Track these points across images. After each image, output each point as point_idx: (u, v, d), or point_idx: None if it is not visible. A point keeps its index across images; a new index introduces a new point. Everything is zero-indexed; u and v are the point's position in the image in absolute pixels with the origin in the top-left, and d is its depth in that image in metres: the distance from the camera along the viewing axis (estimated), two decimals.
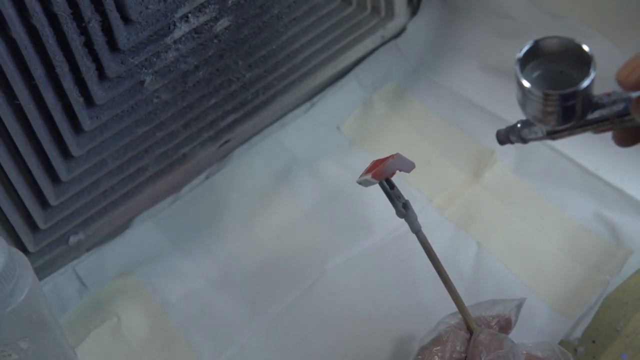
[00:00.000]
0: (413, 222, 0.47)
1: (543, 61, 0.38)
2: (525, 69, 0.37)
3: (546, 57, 0.38)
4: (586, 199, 0.63)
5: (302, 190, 0.68)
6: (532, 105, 0.37)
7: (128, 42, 0.50)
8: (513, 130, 0.43)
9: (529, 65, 0.38)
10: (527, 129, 0.42)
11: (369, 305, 0.59)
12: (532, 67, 0.38)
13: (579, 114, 0.37)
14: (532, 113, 0.37)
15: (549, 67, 0.38)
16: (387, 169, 0.45)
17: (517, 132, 0.43)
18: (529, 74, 0.37)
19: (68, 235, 0.61)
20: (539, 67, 0.38)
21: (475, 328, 0.47)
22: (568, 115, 0.37)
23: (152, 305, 0.61)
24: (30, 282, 0.45)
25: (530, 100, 0.37)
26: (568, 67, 0.37)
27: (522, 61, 0.37)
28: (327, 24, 0.70)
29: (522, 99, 0.37)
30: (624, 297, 0.57)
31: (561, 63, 0.37)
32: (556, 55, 0.37)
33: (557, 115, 0.37)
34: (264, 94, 0.68)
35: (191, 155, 0.65)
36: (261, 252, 0.64)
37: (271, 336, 0.58)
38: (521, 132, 0.42)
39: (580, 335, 0.55)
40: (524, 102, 0.37)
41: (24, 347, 0.47)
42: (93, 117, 0.53)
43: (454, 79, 0.74)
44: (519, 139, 0.43)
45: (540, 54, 0.38)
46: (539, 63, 0.38)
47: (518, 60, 0.37)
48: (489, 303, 0.50)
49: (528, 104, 0.37)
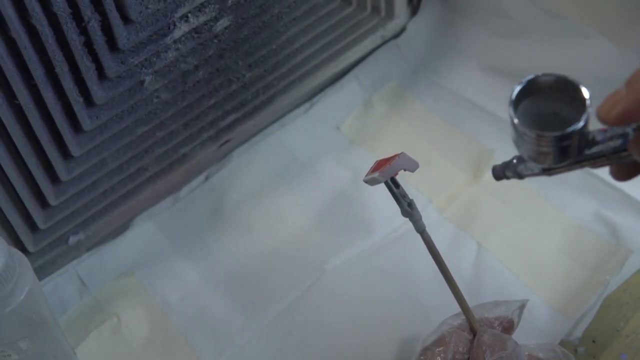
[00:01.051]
0: (417, 221, 0.47)
1: (536, 99, 0.37)
2: (518, 107, 0.37)
3: (539, 94, 0.37)
4: (586, 199, 0.63)
5: (302, 190, 0.68)
6: (526, 146, 0.36)
7: (128, 42, 0.50)
8: (509, 166, 0.42)
9: (522, 104, 0.37)
10: (523, 165, 0.41)
11: (369, 306, 0.59)
12: (525, 106, 0.37)
13: (574, 152, 0.36)
14: (527, 153, 0.37)
15: (543, 104, 0.37)
16: (393, 167, 0.44)
17: (513, 168, 0.42)
18: (523, 112, 0.37)
19: (68, 235, 0.61)
20: (532, 105, 0.37)
21: (479, 329, 0.47)
22: (564, 155, 0.36)
23: (152, 306, 0.61)
24: (30, 282, 0.45)
25: (524, 141, 0.36)
26: (563, 104, 0.36)
27: (516, 101, 0.36)
28: (327, 24, 0.70)
29: (517, 139, 0.37)
30: (624, 297, 0.57)
31: (555, 100, 0.36)
32: (550, 93, 0.36)
33: (553, 155, 0.36)
34: (264, 94, 0.68)
35: (191, 155, 0.65)
36: (261, 252, 0.64)
37: (271, 336, 0.58)
38: (517, 168, 0.42)
39: (581, 335, 0.55)
40: (518, 142, 0.37)
41: (23, 347, 0.47)
42: (93, 117, 0.53)
43: (454, 79, 0.74)
44: (515, 174, 0.42)
45: (534, 91, 0.37)
46: (533, 101, 0.37)
47: (511, 100, 0.36)
48: (492, 304, 0.50)
49: (522, 145, 0.36)
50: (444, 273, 0.48)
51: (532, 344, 0.49)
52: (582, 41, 0.65)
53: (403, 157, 0.45)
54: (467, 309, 0.48)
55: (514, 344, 0.46)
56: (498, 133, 0.69)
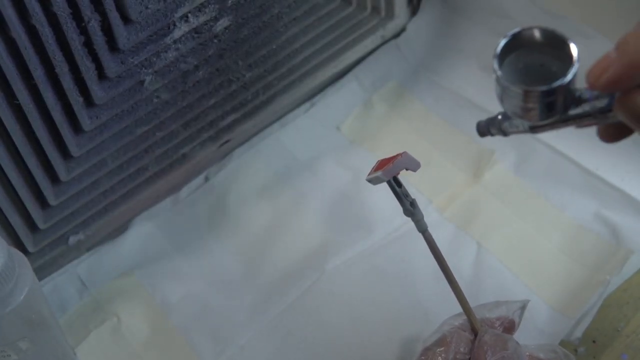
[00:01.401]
0: (419, 221, 0.47)
1: (523, 53, 0.36)
2: (504, 62, 0.35)
3: (526, 48, 0.35)
4: (586, 199, 0.63)
5: (302, 190, 0.68)
6: (511, 101, 0.35)
7: (128, 42, 0.50)
8: (493, 122, 0.41)
9: (508, 58, 0.36)
10: (508, 122, 0.40)
11: (369, 306, 0.59)
12: (510, 61, 0.36)
13: (560, 109, 0.35)
14: (512, 109, 0.36)
15: (529, 59, 0.36)
16: (395, 166, 0.44)
17: (497, 125, 0.41)
18: (508, 67, 0.35)
19: (68, 235, 0.61)
20: (518, 59, 0.36)
21: (480, 329, 0.47)
22: (549, 111, 0.35)
23: (152, 306, 0.60)
24: (29, 283, 0.45)
25: (509, 97, 0.35)
26: (549, 59, 0.35)
27: (501, 55, 0.35)
28: (327, 24, 0.70)
29: (501, 95, 0.36)
30: (624, 297, 0.57)
31: (542, 55, 0.35)
32: (537, 47, 0.35)
33: (538, 111, 0.35)
34: (264, 94, 0.68)
35: (191, 155, 0.65)
36: (261, 252, 0.64)
37: (271, 336, 0.58)
38: (502, 125, 0.40)
39: (581, 335, 0.55)
40: (502, 98, 0.36)
41: (23, 348, 0.47)
42: (93, 117, 0.53)
43: (454, 79, 0.74)
44: (499, 131, 0.41)
45: (520, 46, 0.35)
46: (519, 55, 0.36)
47: (496, 55, 0.35)
48: (493, 304, 0.50)
49: (506, 100, 0.35)
50: (446, 273, 0.48)
51: (533, 345, 0.49)
52: (582, 41, 0.65)
53: (405, 156, 0.45)
54: (469, 309, 0.48)
55: (515, 344, 0.46)
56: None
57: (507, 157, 0.67)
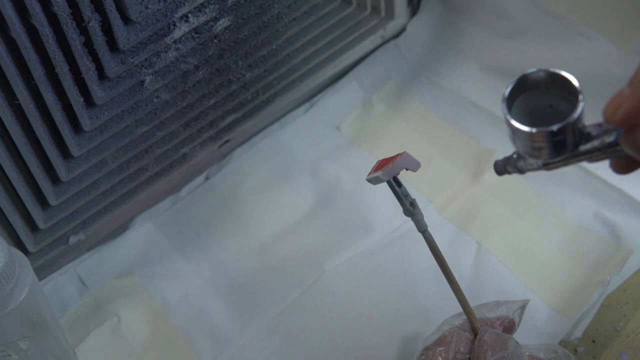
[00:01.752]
0: (419, 221, 0.47)
1: (530, 95, 0.37)
2: (513, 105, 0.37)
3: (533, 90, 0.37)
4: (586, 199, 0.63)
5: (302, 190, 0.68)
6: (521, 142, 0.37)
7: (128, 42, 0.50)
8: (510, 161, 0.43)
9: (517, 101, 0.37)
10: (523, 161, 0.42)
11: (369, 305, 0.59)
12: (520, 102, 0.37)
13: (570, 146, 0.36)
14: (523, 149, 0.37)
15: (537, 100, 0.37)
16: (395, 166, 0.45)
17: (513, 163, 0.42)
18: (517, 109, 0.37)
19: (68, 235, 0.61)
20: (527, 100, 0.37)
21: (480, 328, 0.47)
22: (559, 149, 0.36)
23: (152, 306, 0.61)
24: (30, 282, 0.45)
25: (519, 138, 0.36)
26: (557, 99, 0.37)
27: (509, 98, 0.37)
28: (327, 24, 0.70)
29: (511, 136, 0.37)
30: (624, 297, 0.57)
31: (549, 95, 0.37)
32: (543, 88, 0.37)
33: (548, 150, 0.36)
34: (264, 94, 0.68)
35: (191, 155, 0.65)
36: (261, 252, 0.64)
37: (271, 336, 0.58)
38: (517, 163, 0.42)
39: (581, 335, 0.55)
40: (513, 139, 0.37)
41: (23, 347, 0.47)
42: (93, 117, 0.53)
43: (454, 79, 0.74)
44: (515, 169, 0.43)
45: (527, 88, 0.37)
46: (527, 97, 0.37)
47: (504, 98, 0.36)
48: (493, 304, 0.50)
49: (517, 141, 0.37)
50: (446, 273, 0.48)
51: (533, 344, 0.49)
52: (582, 41, 0.65)
53: (405, 156, 0.45)
54: (468, 308, 0.48)
55: (515, 343, 0.46)
56: (498, 133, 0.69)
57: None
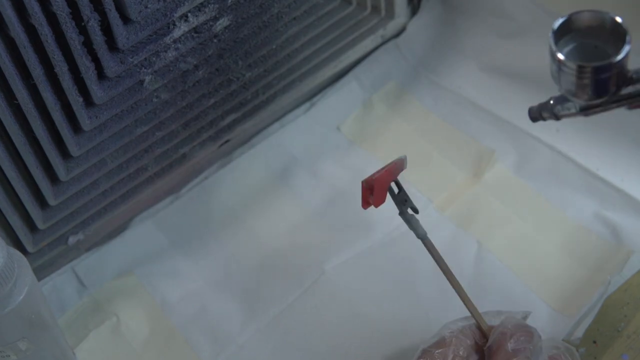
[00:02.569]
0: (416, 228, 0.47)
1: (577, 35, 0.37)
2: (559, 42, 0.37)
3: (580, 31, 0.37)
4: (587, 199, 0.63)
5: (302, 190, 0.68)
6: (566, 78, 0.36)
7: (127, 41, 0.50)
8: (546, 106, 0.42)
9: (563, 39, 0.37)
10: (560, 105, 0.41)
11: (369, 306, 0.59)
12: (566, 41, 0.37)
13: (613, 88, 0.36)
14: (566, 86, 0.37)
15: (583, 40, 0.37)
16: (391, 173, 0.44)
17: (550, 109, 0.42)
18: (563, 47, 0.37)
19: (67, 235, 0.60)
20: (573, 40, 0.37)
21: (489, 327, 0.47)
22: (602, 89, 0.36)
23: (151, 306, 0.60)
24: (29, 283, 0.45)
25: (564, 73, 0.36)
26: (602, 41, 0.37)
27: (556, 34, 0.37)
28: (327, 23, 0.70)
29: (556, 72, 0.37)
30: (625, 297, 0.57)
31: (595, 37, 0.37)
32: (590, 29, 0.37)
33: (591, 89, 0.36)
34: (264, 94, 0.67)
35: (191, 155, 0.65)
36: (261, 252, 0.64)
37: (270, 336, 0.58)
38: (554, 109, 0.42)
39: (581, 336, 0.55)
40: (558, 75, 0.37)
41: (22, 348, 0.47)
42: (92, 117, 0.53)
43: (454, 79, 0.74)
44: (552, 115, 0.42)
45: (575, 28, 0.37)
46: (573, 37, 0.37)
47: (552, 33, 0.37)
48: (494, 313, 0.50)
49: (562, 77, 0.37)
50: (449, 278, 0.47)
51: None
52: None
53: (398, 163, 0.45)
54: (476, 312, 0.47)
55: (538, 335, 0.45)
56: (498, 133, 0.69)
57: (507, 157, 0.67)
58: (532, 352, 0.44)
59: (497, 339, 0.45)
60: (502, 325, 0.46)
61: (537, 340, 0.45)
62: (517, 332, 0.44)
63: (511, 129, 0.69)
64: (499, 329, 0.45)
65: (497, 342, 0.44)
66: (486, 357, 0.45)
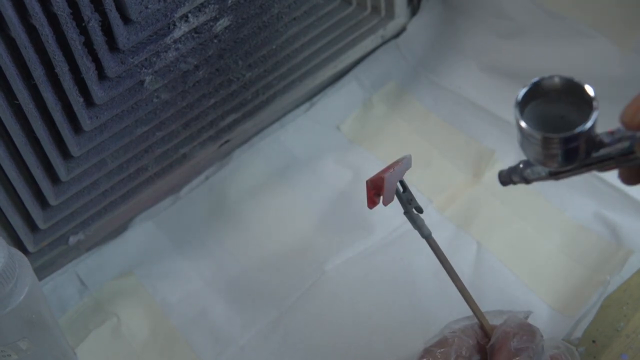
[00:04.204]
0: (421, 227, 0.47)
1: (543, 102, 0.37)
2: (525, 110, 0.36)
3: (546, 97, 0.36)
4: (586, 199, 0.63)
5: (302, 190, 0.68)
6: (532, 148, 0.36)
7: (128, 41, 0.50)
8: (515, 170, 0.42)
9: (528, 107, 0.36)
10: (530, 170, 0.41)
11: (369, 306, 0.59)
12: (532, 108, 0.37)
13: (582, 154, 0.36)
14: (534, 156, 0.37)
15: (550, 107, 0.36)
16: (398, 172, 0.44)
17: (519, 173, 0.42)
18: (529, 115, 0.36)
19: (68, 235, 0.60)
20: (538, 108, 0.37)
21: (492, 327, 0.47)
22: (571, 157, 0.36)
23: (152, 306, 0.60)
24: (29, 283, 0.45)
25: (531, 144, 0.36)
26: (569, 108, 0.36)
27: (522, 103, 0.36)
28: (327, 23, 0.70)
29: (522, 142, 0.37)
30: (624, 297, 0.57)
31: (562, 103, 0.36)
32: (556, 95, 0.36)
33: (560, 158, 0.36)
34: (264, 94, 0.67)
35: (191, 155, 0.65)
36: (261, 252, 0.64)
37: (271, 337, 0.58)
38: (523, 173, 0.41)
39: (581, 335, 0.55)
40: (524, 145, 0.37)
41: (23, 348, 0.47)
42: (93, 117, 0.53)
43: (454, 79, 0.74)
44: (521, 179, 0.42)
45: (540, 94, 0.36)
46: (539, 104, 0.37)
47: (517, 103, 0.36)
48: (496, 312, 0.50)
49: (528, 147, 0.36)
50: (453, 277, 0.47)
51: None
52: (582, 41, 0.65)
53: (403, 161, 0.45)
54: (479, 312, 0.47)
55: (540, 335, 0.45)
56: (498, 133, 0.69)
57: (507, 157, 0.67)
58: (535, 351, 0.44)
59: (500, 338, 0.45)
60: (505, 325, 0.45)
61: (540, 340, 0.45)
62: (520, 331, 0.44)
63: (511, 129, 0.68)
64: (501, 328, 0.45)
65: (499, 341, 0.45)
66: (489, 355, 0.45)
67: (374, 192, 0.44)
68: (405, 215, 0.47)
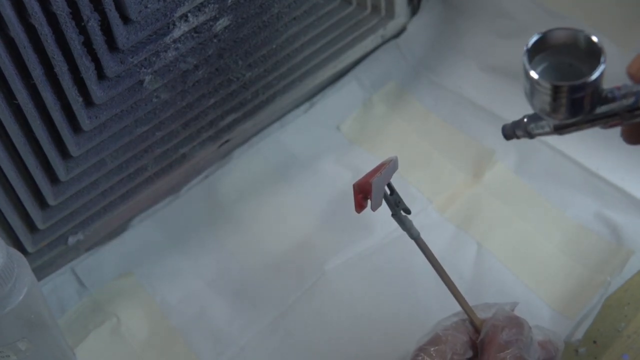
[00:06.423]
0: (410, 229, 0.47)
1: (551, 53, 0.37)
2: (533, 60, 0.36)
3: (555, 49, 0.37)
4: (587, 198, 0.63)
5: (302, 190, 0.68)
6: (540, 97, 0.36)
7: (127, 41, 0.50)
8: (519, 124, 0.42)
9: (537, 57, 0.37)
10: (534, 124, 0.41)
11: (369, 306, 0.59)
12: (540, 59, 0.37)
13: (587, 107, 0.36)
14: (540, 106, 0.36)
15: (558, 59, 0.37)
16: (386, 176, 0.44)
17: (523, 127, 0.41)
18: (537, 65, 0.37)
19: (67, 235, 0.60)
20: (547, 59, 0.37)
21: (481, 322, 0.47)
22: (577, 109, 0.36)
23: (151, 306, 0.60)
24: (28, 283, 0.45)
25: (538, 92, 0.36)
26: (577, 60, 0.36)
27: (530, 53, 0.36)
28: (327, 23, 0.70)
29: (530, 91, 0.36)
30: (625, 297, 0.57)
31: (570, 55, 0.36)
32: (565, 48, 0.36)
33: (566, 108, 0.36)
34: (264, 94, 0.67)
35: (191, 155, 0.65)
36: (261, 252, 0.64)
37: (270, 337, 0.58)
38: (528, 127, 0.41)
39: (582, 336, 0.55)
40: (531, 94, 0.37)
41: (22, 348, 0.47)
42: (92, 117, 0.53)
43: (454, 79, 0.74)
44: (525, 133, 0.42)
45: (549, 46, 0.37)
46: (547, 55, 0.37)
47: (526, 51, 0.36)
48: (484, 306, 0.50)
49: (536, 96, 0.36)
50: (442, 276, 0.48)
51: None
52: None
53: (389, 164, 0.45)
54: (468, 308, 0.48)
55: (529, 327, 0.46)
56: (498, 133, 0.68)
57: (508, 157, 0.67)
58: (524, 343, 0.44)
59: (489, 332, 0.45)
60: (493, 318, 0.46)
61: (528, 332, 0.45)
62: (509, 324, 0.45)
63: None
64: (490, 321, 0.46)
65: (489, 335, 0.45)
66: (479, 350, 0.45)
67: (362, 196, 0.44)
68: (394, 217, 0.47)
